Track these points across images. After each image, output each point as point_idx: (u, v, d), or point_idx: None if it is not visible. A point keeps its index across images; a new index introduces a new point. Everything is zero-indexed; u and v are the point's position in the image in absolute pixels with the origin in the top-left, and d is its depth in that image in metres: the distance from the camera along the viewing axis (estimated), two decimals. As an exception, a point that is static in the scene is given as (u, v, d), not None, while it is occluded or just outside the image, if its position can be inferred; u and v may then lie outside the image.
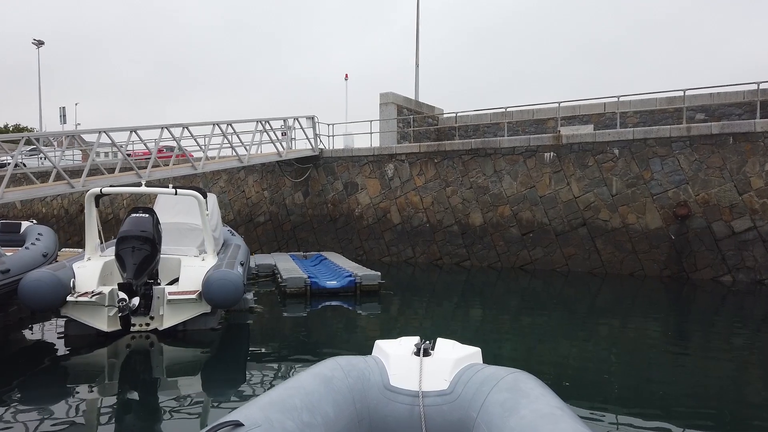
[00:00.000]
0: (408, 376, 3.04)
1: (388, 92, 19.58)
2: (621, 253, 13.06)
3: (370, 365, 3.17)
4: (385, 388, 3.04)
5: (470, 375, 3.00)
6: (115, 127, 12.16)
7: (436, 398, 2.93)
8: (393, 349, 3.26)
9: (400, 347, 3.28)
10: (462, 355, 3.18)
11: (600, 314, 9.65)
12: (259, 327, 8.18)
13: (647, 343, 7.48)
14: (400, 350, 3.24)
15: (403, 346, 3.28)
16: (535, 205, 14.17)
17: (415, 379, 3.00)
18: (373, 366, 3.16)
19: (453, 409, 2.90)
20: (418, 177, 15.98)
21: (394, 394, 3.00)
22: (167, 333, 7.08)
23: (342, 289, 10.30)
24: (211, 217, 9.33)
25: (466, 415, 2.83)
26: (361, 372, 3.10)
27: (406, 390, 2.99)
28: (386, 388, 3.03)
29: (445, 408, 2.91)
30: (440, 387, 2.97)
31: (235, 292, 6.88)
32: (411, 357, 3.15)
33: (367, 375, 3.09)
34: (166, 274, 7.63)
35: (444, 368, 3.05)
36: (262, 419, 2.42)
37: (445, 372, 3.04)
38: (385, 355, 3.24)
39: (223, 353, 6.93)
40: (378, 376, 3.09)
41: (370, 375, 3.10)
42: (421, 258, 15.80)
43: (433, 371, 3.04)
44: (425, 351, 3.15)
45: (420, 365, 3.06)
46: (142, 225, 6.66)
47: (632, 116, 18.04)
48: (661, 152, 12.70)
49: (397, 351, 3.23)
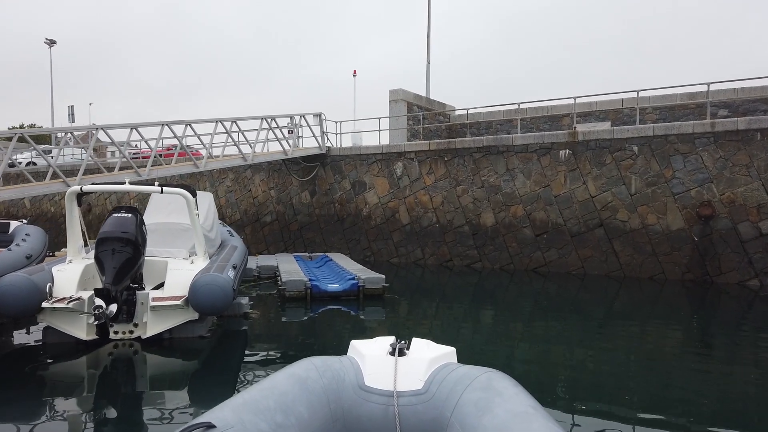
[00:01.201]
0: (383, 376, 3.04)
1: (398, 89, 19.05)
2: (640, 255, 12.43)
3: (345, 365, 3.16)
4: (359, 388, 3.03)
5: (445, 374, 3.01)
6: (113, 124, 11.78)
7: (411, 398, 2.94)
8: (368, 349, 3.25)
9: (376, 347, 3.28)
10: (437, 354, 3.19)
11: (617, 320, 9.20)
12: (253, 334, 7.70)
13: (668, 351, 7.11)
14: (375, 350, 3.23)
15: (379, 346, 3.29)
16: (549, 204, 13.58)
17: (390, 379, 3.01)
18: (348, 366, 3.16)
19: (427, 409, 2.91)
20: (427, 176, 15.45)
21: (368, 394, 3.00)
22: (152, 341, 6.62)
23: (344, 293, 9.80)
24: (206, 217, 8.90)
25: (441, 415, 2.84)
26: (336, 372, 3.10)
27: (380, 390, 2.99)
28: (361, 388, 3.03)
29: (419, 408, 2.92)
30: (415, 387, 2.98)
31: (223, 298, 6.41)
32: (386, 357, 3.15)
33: (341, 375, 3.09)
34: (152, 277, 7.18)
35: (419, 368, 3.06)
36: (235, 421, 2.40)
37: (420, 372, 3.05)
38: (360, 355, 3.23)
39: (212, 363, 6.47)
40: (353, 376, 3.09)
41: (345, 375, 3.09)
42: (431, 259, 15.27)
43: (407, 371, 3.04)
44: (400, 351, 3.15)
45: (395, 365, 3.07)
46: (123, 225, 6.21)
47: (651, 113, 17.33)
48: (683, 149, 12.05)
49: (372, 351, 3.23)
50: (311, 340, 7.54)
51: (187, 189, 7.37)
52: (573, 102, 14.53)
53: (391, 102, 19.12)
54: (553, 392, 5.49)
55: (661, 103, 17.03)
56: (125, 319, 6.49)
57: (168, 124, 12.51)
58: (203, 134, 14.42)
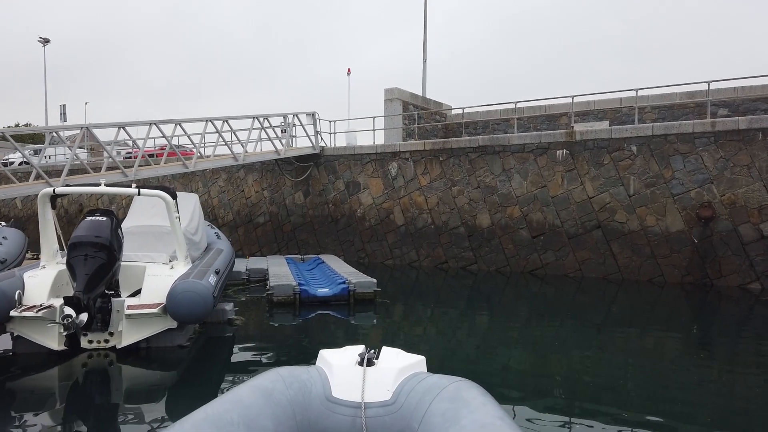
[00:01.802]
0: (351, 387, 2.99)
1: (393, 88, 18.76)
2: (639, 257, 12.16)
3: (313, 376, 3.10)
4: (327, 399, 2.97)
5: (413, 384, 2.96)
6: (100, 123, 11.48)
7: (379, 409, 2.89)
8: (336, 359, 3.19)
9: (344, 357, 3.22)
10: (406, 364, 3.15)
11: (615, 323, 9.01)
12: (237, 342, 7.40)
13: (667, 355, 6.97)
14: (343, 360, 3.18)
15: (347, 355, 3.23)
16: (546, 205, 13.30)
17: (358, 390, 2.96)
18: (316, 377, 3.09)
19: (395, 420, 2.87)
20: (422, 176, 15.17)
21: (336, 405, 2.94)
22: (128, 351, 6.33)
23: (334, 298, 9.50)
24: (190, 219, 8.62)
25: (408, 426, 2.81)
26: (303, 383, 3.03)
27: (348, 401, 2.93)
28: (328, 399, 2.97)
29: (387, 419, 2.88)
30: (383, 397, 2.94)
31: (203, 306, 6.11)
32: (354, 367, 3.09)
33: (309, 386, 3.02)
34: (129, 283, 6.87)
35: (387, 378, 3.02)
36: None
37: (389, 382, 3.01)
38: (328, 365, 3.17)
39: (191, 374, 6.18)
40: (320, 388, 3.02)
41: (312, 386, 3.03)
42: (426, 261, 14.99)
43: (376, 381, 3.00)
44: (369, 361, 3.11)
45: (363, 375, 3.02)
46: (97, 229, 5.91)
47: (650, 112, 17.05)
48: (683, 149, 11.77)
49: (340, 361, 3.17)
50: (297, 348, 7.25)
51: (167, 191, 7.07)
52: (570, 101, 14.24)
53: (386, 101, 18.83)
54: (547, 400, 5.29)
55: (660, 102, 16.78)
56: (100, 328, 6.20)
57: (156, 123, 12.21)
58: (193, 134, 14.13)
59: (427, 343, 7.59)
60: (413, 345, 7.37)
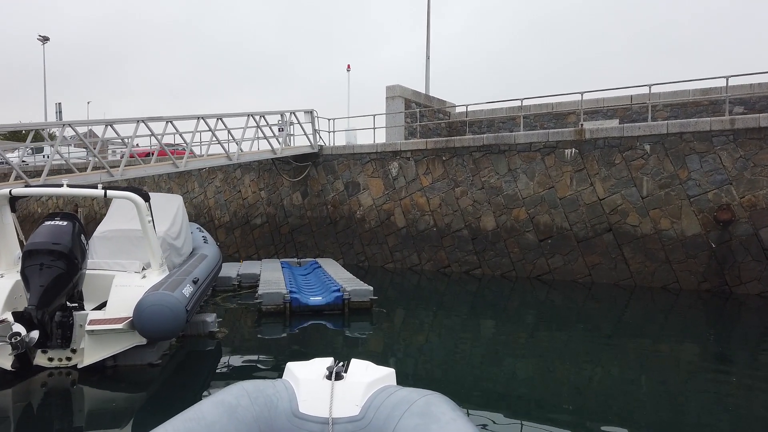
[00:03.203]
0: (318, 402, 2.91)
1: (395, 85, 18.13)
2: (652, 263, 11.49)
3: (279, 390, 3.02)
4: (293, 415, 2.90)
5: (382, 399, 2.91)
6: (82, 120, 10.90)
7: (347, 425, 2.82)
8: (304, 373, 3.12)
9: (312, 370, 3.14)
10: (375, 377, 3.09)
11: (627, 333, 8.51)
12: (218, 357, 6.79)
13: (682, 368, 6.57)
14: (311, 373, 3.10)
15: (315, 368, 3.15)
16: (554, 207, 12.65)
17: (326, 405, 2.88)
18: (282, 391, 3.02)
19: None
20: (424, 176, 14.54)
21: (303, 421, 2.87)
22: (93, 370, 5.72)
23: (327, 307, 8.88)
24: (172, 223, 8.04)
25: None
26: (269, 398, 2.96)
27: (315, 417, 2.86)
28: (295, 415, 2.90)
29: None
30: (351, 413, 2.87)
31: (173, 321, 5.50)
32: (322, 381, 3.02)
33: (275, 402, 2.95)
34: (96, 294, 6.26)
35: (356, 392, 2.95)
36: None
37: (357, 396, 2.94)
38: (295, 379, 3.09)
39: (163, 395, 5.59)
40: (287, 403, 2.95)
41: (279, 401, 2.95)
42: (428, 265, 14.37)
43: (344, 396, 2.92)
44: (337, 374, 3.04)
45: (331, 390, 2.94)
46: (56, 235, 5.31)
47: (662, 110, 16.38)
48: (699, 148, 11.10)
49: (308, 375, 3.10)
50: (282, 365, 6.64)
51: (138, 192, 6.47)
52: (580, 98, 13.57)
53: (388, 99, 18.22)
54: (555, 415, 4.89)
55: (673, 100, 16.09)
56: (60, 345, 5.60)
57: (144, 120, 11.62)
58: (185, 132, 13.55)
59: (426, 358, 6.98)
60: (410, 362, 6.78)
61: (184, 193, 19.61)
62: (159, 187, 20.27)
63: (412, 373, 6.19)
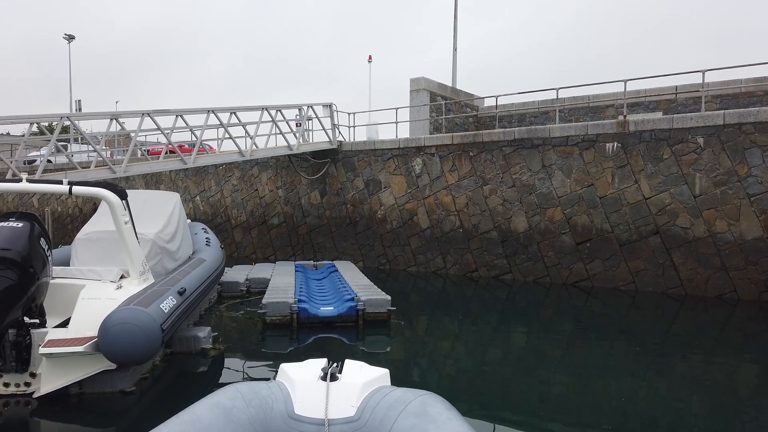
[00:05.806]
0: (314, 403, 2.91)
1: (420, 77, 17.15)
2: (706, 269, 10.27)
3: (274, 392, 3.02)
4: (289, 416, 2.90)
5: (378, 399, 2.92)
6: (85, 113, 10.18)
7: (343, 426, 2.82)
8: (298, 374, 3.11)
9: (307, 371, 3.13)
10: (370, 378, 3.08)
11: (676, 347, 7.65)
12: (209, 380, 5.89)
13: (740, 388, 5.97)
14: (306, 375, 3.10)
15: (310, 369, 3.15)
16: (593, 207, 11.49)
17: (321, 406, 2.88)
18: (277, 393, 3.01)
19: None
20: (450, 173, 13.50)
21: (298, 423, 2.87)
22: (54, 398, 4.85)
23: (339, 318, 7.93)
24: (166, 224, 7.19)
25: None
26: (264, 400, 2.95)
27: (311, 418, 2.86)
28: (290, 417, 2.90)
29: None
30: (347, 414, 2.87)
31: (144, 343, 4.59)
32: (317, 382, 3.02)
33: (270, 403, 2.94)
34: (63, 308, 5.40)
35: (351, 393, 2.96)
36: None
37: (353, 397, 2.94)
38: (290, 380, 3.09)
39: (136, 430, 4.68)
40: (282, 404, 2.94)
41: (274, 403, 2.95)
42: (453, 269, 13.33)
43: (340, 397, 2.92)
44: (332, 375, 3.03)
45: (326, 391, 2.94)
46: (7, 239, 4.46)
47: (710, 102, 15.05)
48: (761, 141, 9.85)
49: (302, 376, 3.09)
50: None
51: (112, 188, 5.60)
52: (623, 87, 12.36)
53: (412, 92, 17.26)
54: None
55: (722, 90, 14.74)
56: (18, 368, 4.75)
57: (149, 113, 10.85)
58: (196, 127, 12.76)
59: (451, 380, 6.06)
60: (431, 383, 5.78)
61: (201, 191, 18.94)
62: (176, 186, 19.66)
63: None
